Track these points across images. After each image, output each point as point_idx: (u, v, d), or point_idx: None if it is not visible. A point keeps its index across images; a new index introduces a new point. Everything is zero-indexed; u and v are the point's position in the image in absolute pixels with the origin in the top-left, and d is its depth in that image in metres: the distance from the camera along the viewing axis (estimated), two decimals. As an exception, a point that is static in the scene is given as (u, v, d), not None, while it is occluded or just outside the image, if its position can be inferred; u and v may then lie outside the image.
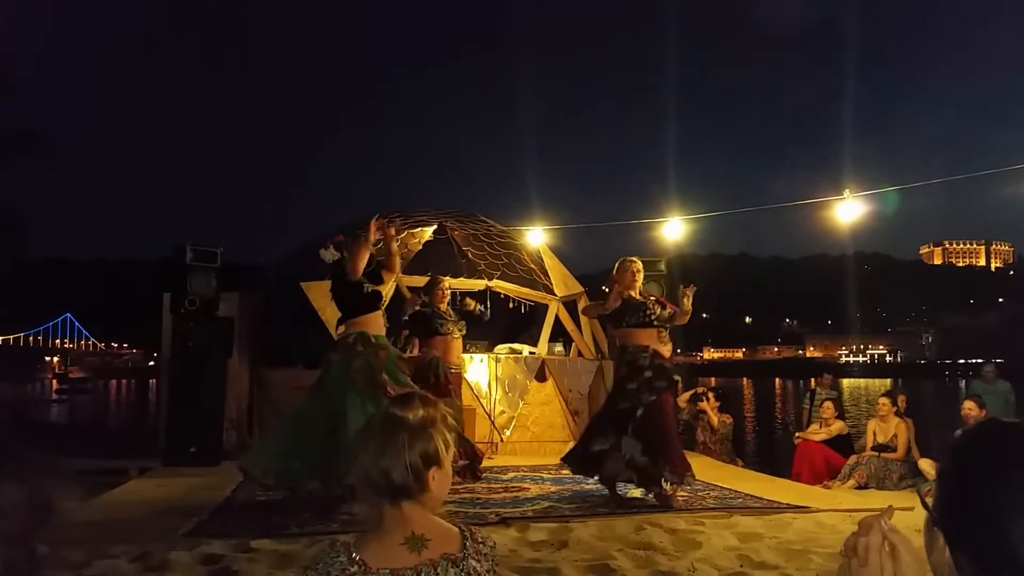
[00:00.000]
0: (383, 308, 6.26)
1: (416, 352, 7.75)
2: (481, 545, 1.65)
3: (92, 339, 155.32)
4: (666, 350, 6.36)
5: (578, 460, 6.32)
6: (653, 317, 6.26)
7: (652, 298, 6.46)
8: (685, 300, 6.42)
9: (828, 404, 9.27)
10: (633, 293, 6.32)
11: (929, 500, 0.96)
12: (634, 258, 6.51)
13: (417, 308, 7.44)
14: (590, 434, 6.37)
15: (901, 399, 8.77)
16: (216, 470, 7.74)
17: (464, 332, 7.63)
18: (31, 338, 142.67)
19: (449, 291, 7.71)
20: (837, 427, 8.98)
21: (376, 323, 6.12)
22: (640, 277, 6.42)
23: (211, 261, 8.61)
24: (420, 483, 1.58)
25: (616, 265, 6.44)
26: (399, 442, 1.58)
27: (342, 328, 6.12)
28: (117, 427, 23.82)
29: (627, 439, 5.96)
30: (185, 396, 8.30)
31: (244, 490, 6.23)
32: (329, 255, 6.03)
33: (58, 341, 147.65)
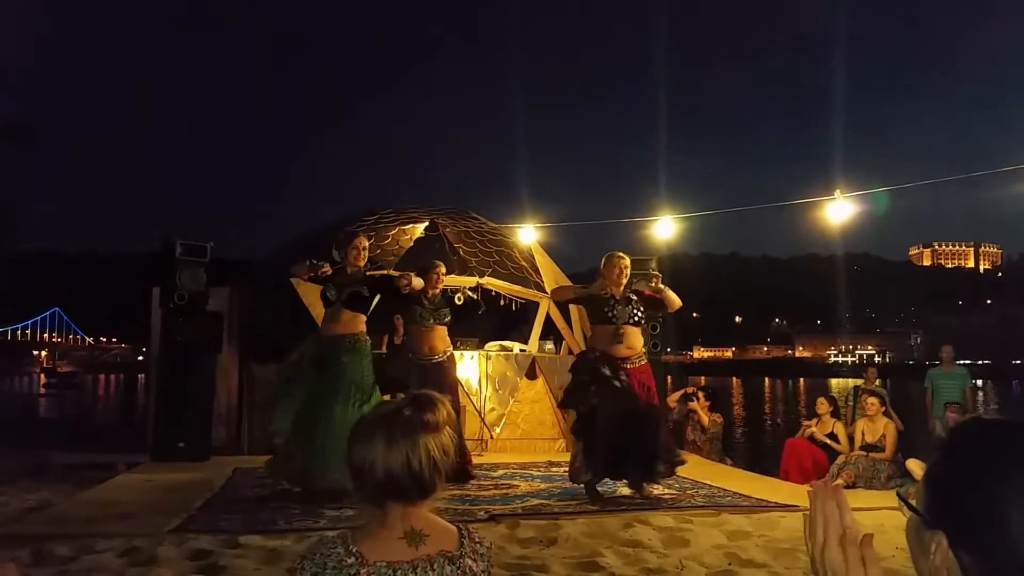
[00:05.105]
0: (352, 304, 6.20)
1: (399, 340, 7.70)
2: (478, 545, 1.65)
3: (81, 333, 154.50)
4: (623, 349, 6.09)
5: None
6: (612, 315, 6.13)
7: (633, 297, 6.29)
8: (656, 286, 6.49)
9: (823, 404, 9.21)
10: (617, 290, 6.21)
11: (914, 502, 0.94)
12: (622, 254, 6.35)
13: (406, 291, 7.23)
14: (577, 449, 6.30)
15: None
16: (204, 465, 7.73)
17: (447, 320, 7.26)
18: (19, 332, 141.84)
19: (444, 278, 7.60)
20: (834, 427, 8.91)
21: (328, 321, 6.24)
22: (626, 274, 6.27)
23: (201, 255, 8.57)
24: (429, 487, 1.58)
25: (603, 260, 6.31)
26: (415, 445, 1.56)
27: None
28: (105, 422, 23.68)
29: (601, 454, 6.00)
30: (174, 391, 8.26)
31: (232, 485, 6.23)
32: (334, 254, 6.36)
33: (46, 335, 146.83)
